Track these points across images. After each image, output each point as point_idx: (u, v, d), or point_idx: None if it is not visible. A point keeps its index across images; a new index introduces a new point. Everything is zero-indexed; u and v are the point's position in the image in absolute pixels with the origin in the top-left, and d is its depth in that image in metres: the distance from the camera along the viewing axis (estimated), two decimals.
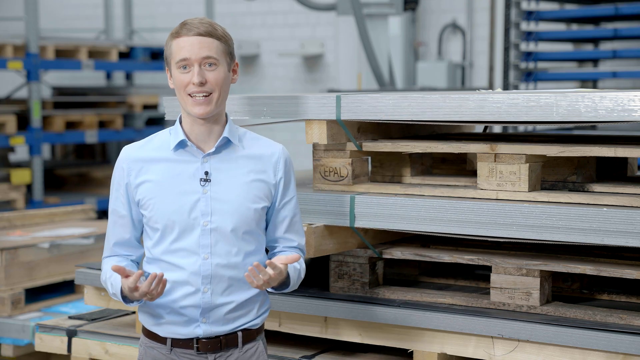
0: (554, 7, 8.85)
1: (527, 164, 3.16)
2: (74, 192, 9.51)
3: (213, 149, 2.79)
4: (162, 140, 2.84)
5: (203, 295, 2.75)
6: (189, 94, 2.73)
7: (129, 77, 11.24)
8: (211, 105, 2.74)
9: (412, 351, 3.29)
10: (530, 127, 7.72)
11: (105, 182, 9.63)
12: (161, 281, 2.66)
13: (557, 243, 3.13)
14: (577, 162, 3.26)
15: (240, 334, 2.82)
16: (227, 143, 2.81)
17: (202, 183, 2.77)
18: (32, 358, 5.20)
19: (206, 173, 2.77)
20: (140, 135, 9.58)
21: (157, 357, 2.82)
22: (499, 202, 3.13)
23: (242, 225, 2.78)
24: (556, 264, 3.17)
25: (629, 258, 3.22)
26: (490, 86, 10.34)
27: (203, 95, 2.73)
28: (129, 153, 2.84)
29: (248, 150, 2.84)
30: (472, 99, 3.19)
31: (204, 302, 2.75)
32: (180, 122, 2.83)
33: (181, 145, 2.80)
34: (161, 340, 2.81)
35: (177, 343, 2.79)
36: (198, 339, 2.78)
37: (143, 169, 2.81)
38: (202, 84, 2.72)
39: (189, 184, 2.77)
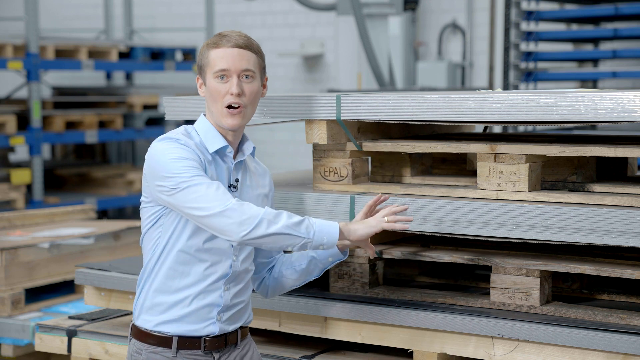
0: (554, 7, 8.85)
1: (527, 164, 3.16)
2: (74, 192, 9.51)
3: (244, 158, 2.89)
4: (203, 139, 2.82)
5: (224, 293, 2.81)
6: (226, 105, 2.77)
7: (129, 77, 11.25)
8: (243, 118, 2.81)
9: (412, 351, 3.29)
10: (530, 127, 7.72)
11: (105, 182, 9.64)
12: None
13: (557, 243, 3.13)
14: (577, 162, 3.27)
15: (239, 331, 2.89)
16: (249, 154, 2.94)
17: (232, 189, 2.84)
18: (32, 358, 5.20)
19: (237, 180, 2.85)
20: (140, 135, 9.58)
21: None
22: (499, 202, 3.13)
23: None
24: (556, 264, 3.17)
25: (629, 258, 3.22)
26: (490, 86, 10.34)
27: (238, 106, 2.77)
28: (188, 134, 2.79)
29: (257, 166, 3.00)
30: (472, 99, 3.19)
31: (224, 300, 2.81)
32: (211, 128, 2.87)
33: (221, 150, 2.83)
34: (164, 342, 2.78)
35: (184, 344, 2.78)
36: (205, 339, 2.79)
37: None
38: (239, 94, 2.76)
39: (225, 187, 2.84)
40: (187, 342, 2.78)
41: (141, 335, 2.82)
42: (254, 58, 2.81)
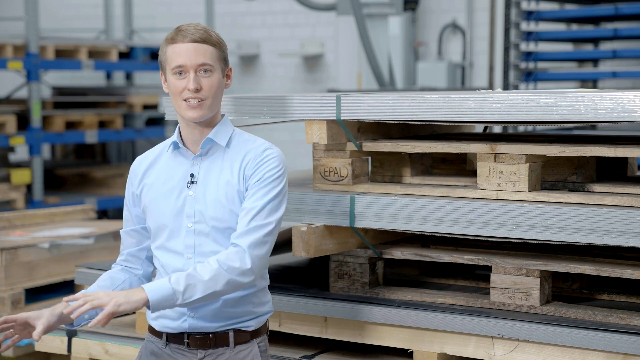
0: (554, 7, 8.85)
1: (527, 164, 3.16)
2: (74, 192, 9.50)
3: (199, 151, 2.83)
4: (165, 145, 2.92)
5: None
6: (184, 99, 2.76)
7: (129, 77, 11.24)
8: (204, 110, 2.78)
9: (412, 351, 3.29)
10: (530, 127, 7.72)
11: (105, 182, 9.64)
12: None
13: (557, 243, 3.13)
14: (577, 162, 3.27)
15: (231, 333, 2.82)
16: (214, 145, 2.84)
17: (189, 185, 2.81)
18: (32, 358, 5.20)
19: (191, 175, 2.82)
20: (140, 135, 9.58)
21: (155, 350, 2.87)
22: (499, 202, 3.13)
23: (224, 225, 2.79)
24: (556, 264, 3.17)
25: (629, 258, 3.22)
26: (490, 86, 10.33)
27: (197, 100, 2.76)
28: (136, 161, 2.95)
29: (235, 151, 2.84)
30: (472, 99, 3.19)
31: None
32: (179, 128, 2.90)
33: (175, 146, 2.87)
34: (158, 334, 2.86)
35: (171, 338, 2.84)
36: (189, 335, 2.80)
37: (146, 173, 2.89)
38: (197, 90, 2.76)
39: (179, 186, 2.83)
40: (174, 337, 2.84)
41: (148, 325, 2.93)
42: (212, 51, 2.77)
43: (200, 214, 2.79)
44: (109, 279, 2.90)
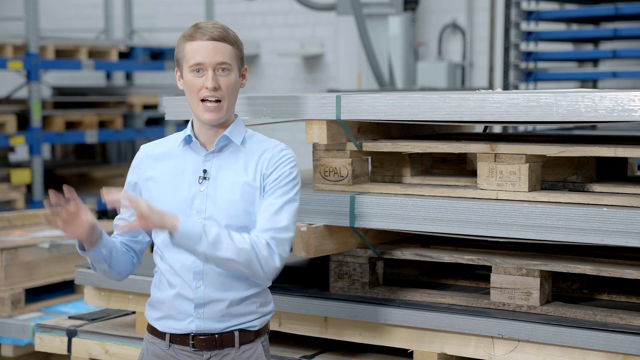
0: (554, 7, 8.85)
1: (527, 164, 3.16)
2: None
3: (214, 148, 2.82)
4: (175, 139, 2.91)
5: (196, 290, 2.77)
6: (202, 99, 2.76)
7: (129, 77, 11.24)
8: (221, 112, 2.78)
9: (412, 351, 3.29)
10: (530, 127, 7.72)
11: (105, 182, 9.63)
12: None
13: (557, 243, 3.13)
14: (577, 162, 3.27)
15: (237, 333, 2.82)
16: (229, 143, 2.84)
17: (200, 181, 2.80)
18: (32, 358, 5.20)
19: (204, 171, 2.81)
20: (140, 135, 9.58)
21: (158, 352, 2.84)
22: (499, 202, 3.13)
23: (236, 223, 2.78)
24: (556, 264, 3.17)
25: (629, 258, 3.22)
26: (490, 86, 10.34)
27: (215, 100, 2.75)
28: (143, 150, 2.95)
29: (250, 150, 2.85)
30: (472, 99, 3.19)
31: (196, 297, 2.78)
32: (192, 122, 2.89)
33: (187, 140, 2.85)
34: (161, 335, 2.84)
35: (175, 339, 2.82)
36: (194, 336, 2.79)
37: (152, 165, 2.89)
38: (215, 89, 2.75)
39: (189, 181, 2.82)
40: (178, 338, 2.82)
41: (147, 325, 2.92)
42: (230, 50, 2.77)
43: (211, 211, 2.78)
44: (112, 243, 2.88)
